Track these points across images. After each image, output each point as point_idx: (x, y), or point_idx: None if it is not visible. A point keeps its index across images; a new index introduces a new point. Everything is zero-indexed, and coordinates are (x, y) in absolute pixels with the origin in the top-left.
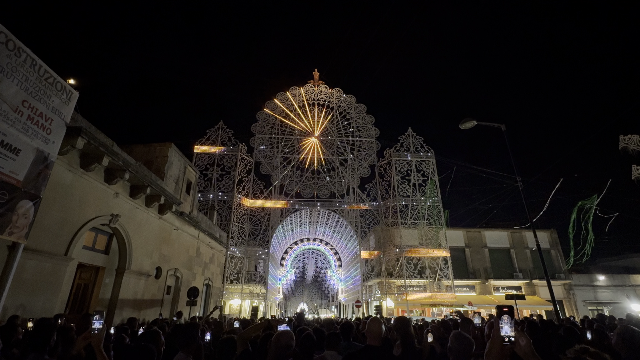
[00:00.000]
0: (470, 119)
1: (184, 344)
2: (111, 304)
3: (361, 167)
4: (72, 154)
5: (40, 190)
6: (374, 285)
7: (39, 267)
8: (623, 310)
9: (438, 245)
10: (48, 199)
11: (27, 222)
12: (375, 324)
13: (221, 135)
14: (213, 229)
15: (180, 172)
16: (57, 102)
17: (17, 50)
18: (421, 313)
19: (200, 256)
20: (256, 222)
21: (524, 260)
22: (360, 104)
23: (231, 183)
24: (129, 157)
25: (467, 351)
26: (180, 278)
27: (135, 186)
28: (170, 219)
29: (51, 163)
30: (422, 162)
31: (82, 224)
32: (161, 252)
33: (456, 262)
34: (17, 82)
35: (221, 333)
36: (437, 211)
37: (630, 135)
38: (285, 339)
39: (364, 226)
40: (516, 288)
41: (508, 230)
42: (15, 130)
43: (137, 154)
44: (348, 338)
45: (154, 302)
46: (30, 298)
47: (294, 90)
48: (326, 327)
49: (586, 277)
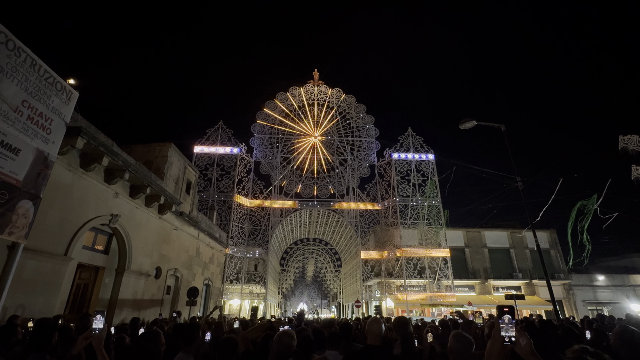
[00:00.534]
0: (470, 119)
1: (184, 344)
2: (111, 304)
3: (361, 167)
4: (72, 154)
5: (40, 190)
6: (373, 285)
7: (39, 267)
8: (623, 310)
9: (438, 245)
10: (48, 199)
11: (26, 222)
12: (375, 324)
13: (221, 135)
14: (213, 229)
15: (180, 172)
16: (57, 102)
17: (17, 50)
18: (421, 313)
19: (200, 256)
20: (256, 222)
21: (523, 260)
22: (360, 104)
23: (231, 183)
24: (128, 157)
25: (467, 351)
26: (180, 278)
27: (135, 186)
28: (170, 219)
29: (51, 163)
30: (422, 162)
31: (82, 224)
32: (161, 252)
33: (456, 262)
34: (17, 82)
35: (221, 333)
36: (437, 211)
37: (630, 135)
38: (287, 339)
39: (364, 226)
40: (516, 288)
41: (508, 230)
42: (15, 130)
43: (137, 154)
44: (347, 339)
45: (153, 302)
46: (30, 298)
47: (294, 90)
48: (327, 328)
49: (586, 277)
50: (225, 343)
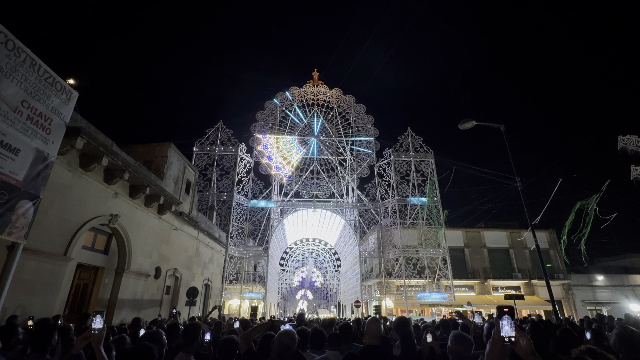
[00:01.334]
0: (469, 119)
1: (185, 344)
2: (110, 304)
3: (360, 167)
4: (71, 154)
5: (40, 190)
6: (373, 285)
7: (38, 267)
8: (622, 310)
9: (437, 245)
10: (47, 199)
11: (26, 222)
12: (374, 324)
13: (221, 135)
14: (212, 229)
15: (180, 172)
16: (56, 102)
17: (16, 50)
18: (420, 313)
19: (200, 256)
20: (255, 222)
21: (522, 260)
22: (360, 104)
23: (230, 183)
24: (128, 157)
25: (467, 351)
26: (180, 278)
27: (135, 186)
28: (170, 219)
29: (50, 163)
30: (422, 162)
31: (82, 224)
32: (160, 252)
33: (455, 262)
34: (17, 82)
35: (221, 333)
36: (437, 211)
37: (629, 136)
38: (288, 340)
39: (363, 226)
40: (515, 288)
41: (507, 230)
42: (14, 130)
43: (136, 154)
44: (348, 339)
45: (153, 302)
46: (29, 298)
47: (294, 90)
48: (326, 328)
49: (585, 277)
50: (225, 343)
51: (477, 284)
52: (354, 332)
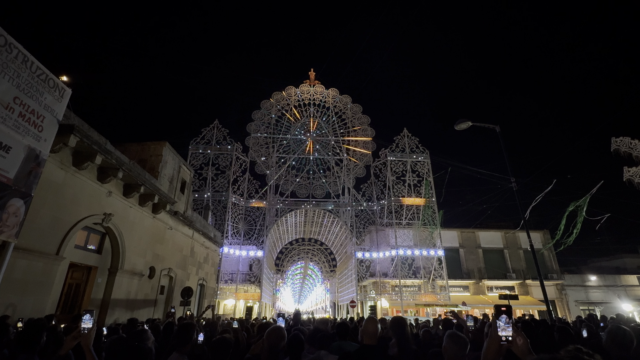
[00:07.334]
0: (465, 120)
1: (178, 344)
2: (103, 304)
3: (356, 167)
4: (64, 152)
5: (32, 188)
6: (368, 285)
7: (30, 267)
8: (614, 310)
9: (432, 245)
10: (39, 198)
11: (17, 220)
12: (371, 324)
13: (216, 135)
14: (207, 228)
15: (175, 171)
16: (49, 99)
17: (8, 46)
18: (415, 313)
19: (195, 256)
20: (251, 222)
21: (517, 260)
22: (356, 104)
23: (226, 182)
24: (122, 156)
25: (462, 351)
26: (174, 278)
27: (129, 185)
28: (164, 219)
29: (43, 161)
30: (417, 163)
31: (74, 222)
32: (155, 251)
33: (450, 262)
34: (9, 79)
35: (215, 333)
36: (432, 211)
37: (622, 138)
38: (275, 338)
39: (359, 226)
40: (509, 288)
41: (502, 230)
42: (5, 127)
43: (130, 153)
44: (344, 337)
45: (147, 302)
46: (20, 298)
47: (290, 89)
48: (321, 327)
49: (578, 277)
50: (218, 343)
51: (472, 284)
52: (350, 331)
